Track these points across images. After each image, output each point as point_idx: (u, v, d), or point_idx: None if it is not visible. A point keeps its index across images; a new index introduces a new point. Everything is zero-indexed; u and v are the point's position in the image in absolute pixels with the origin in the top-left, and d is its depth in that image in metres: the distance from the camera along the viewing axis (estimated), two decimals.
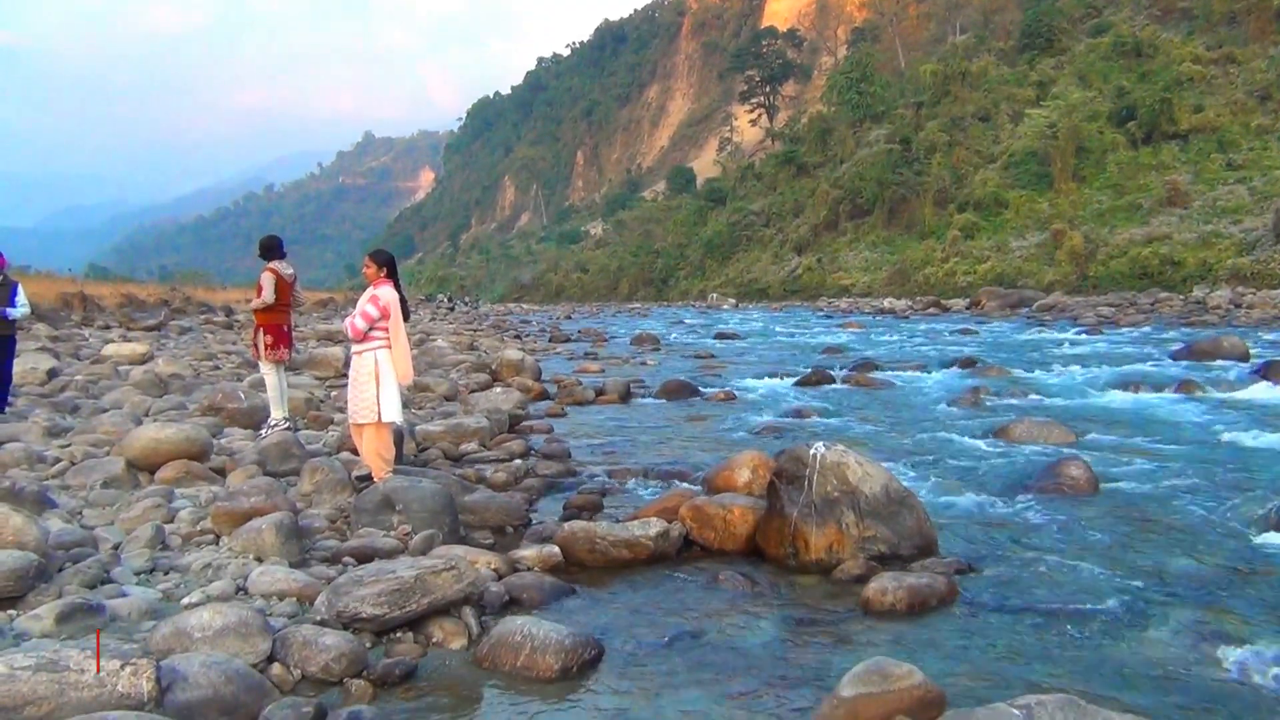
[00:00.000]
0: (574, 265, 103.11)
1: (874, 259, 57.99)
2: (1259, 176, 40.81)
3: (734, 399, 12.65)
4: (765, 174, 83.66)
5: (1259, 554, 5.34)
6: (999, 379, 13.86)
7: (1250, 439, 8.68)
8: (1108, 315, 29.47)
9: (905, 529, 5.32)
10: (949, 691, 3.39)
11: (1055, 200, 48.69)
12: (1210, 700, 3.54)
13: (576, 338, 28.42)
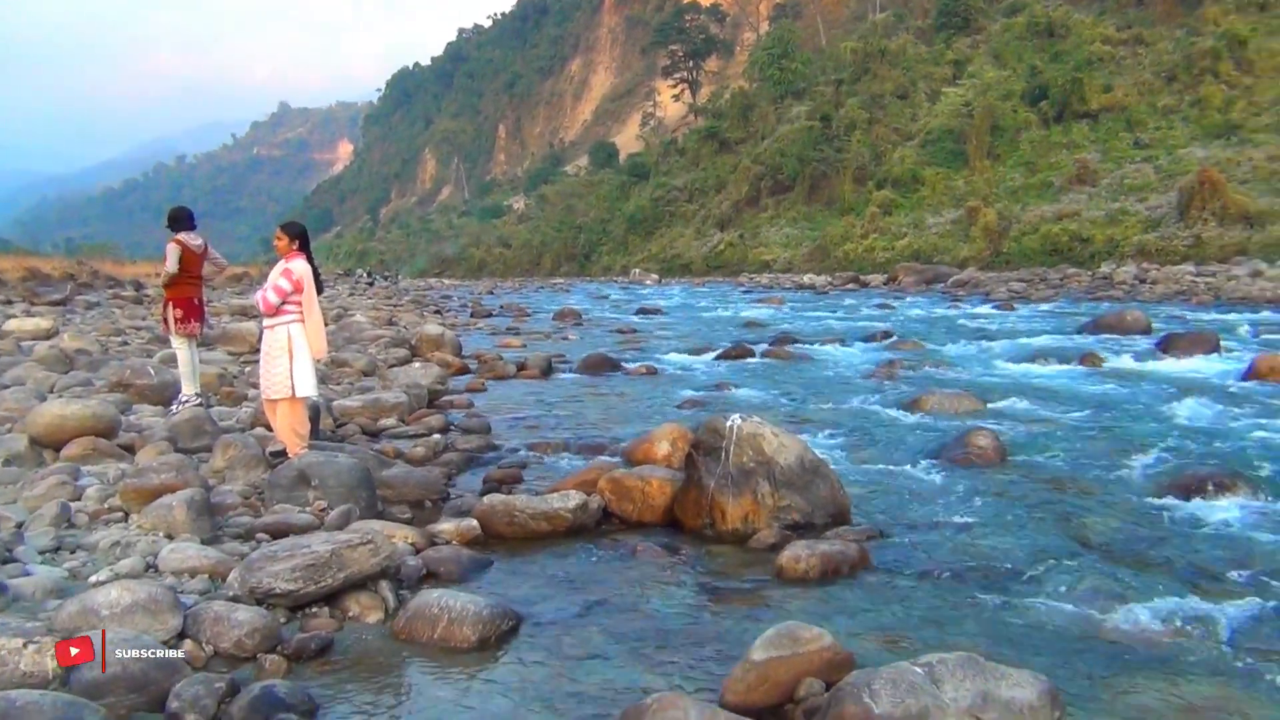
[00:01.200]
0: (496, 240, 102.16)
1: (795, 235, 58.50)
2: (1164, 155, 42.05)
3: (655, 373, 12.73)
4: (688, 149, 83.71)
5: (1155, 517, 5.57)
6: (913, 352, 14.16)
7: (1149, 409, 9.01)
8: (1019, 290, 30.23)
9: (819, 498, 5.43)
10: (858, 653, 3.49)
11: (970, 178, 49.63)
12: (1103, 654, 3.70)
13: (498, 313, 28.25)
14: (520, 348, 16.28)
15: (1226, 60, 44.23)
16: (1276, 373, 10.28)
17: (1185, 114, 44.58)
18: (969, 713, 2.67)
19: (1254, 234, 33.04)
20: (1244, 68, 44.01)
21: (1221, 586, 4.39)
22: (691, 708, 2.75)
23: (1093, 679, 3.48)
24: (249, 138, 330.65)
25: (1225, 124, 41.57)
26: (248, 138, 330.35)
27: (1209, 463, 6.54)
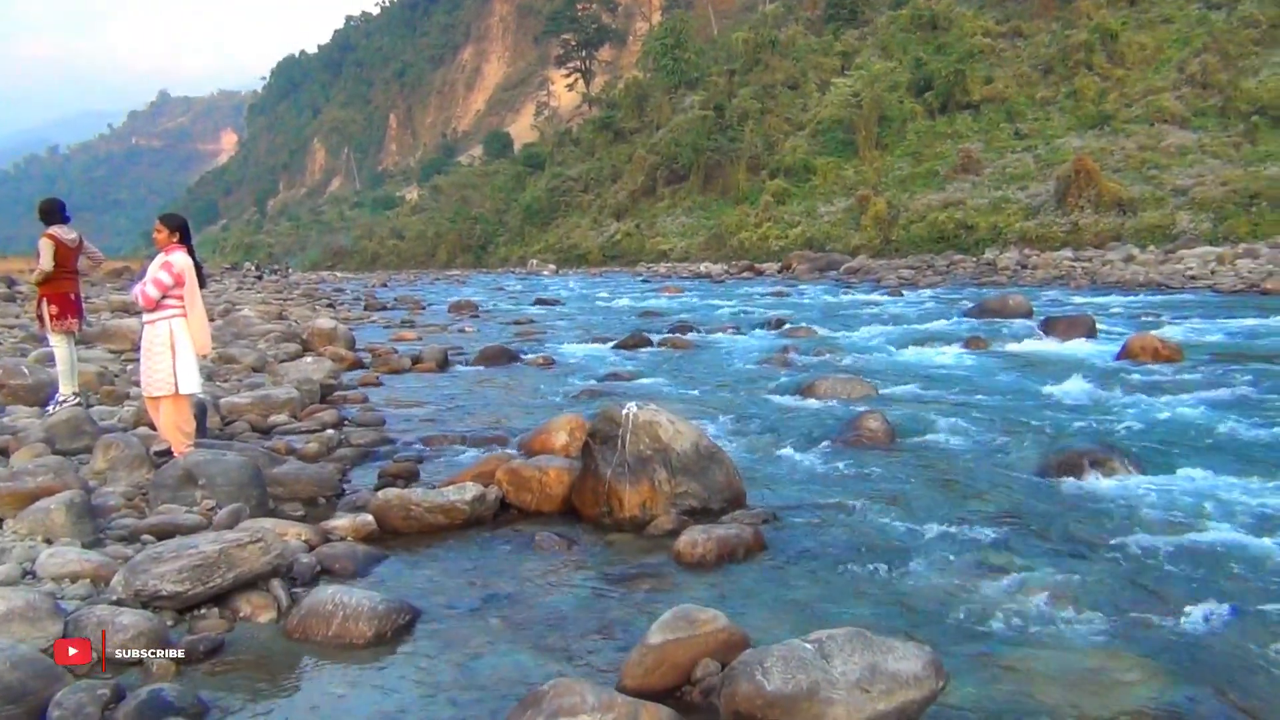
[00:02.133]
0: (390, 232, 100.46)
1: (691, 224, 58.96)
2: (1042, 145, 43.63)
3: (553, 364, 12.71)
4: (583, 139, 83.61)
5: (1035, 493, 5.81)
6: (807, 339, 14.44)
7: (1031, 389, 9.37)
8: (908, 277, 31.04)
9: (715, 484, 5.50)
10: (753, 633, 3.56)
11: (860, 167, 50.70)
12: (986, 624, 3.85)
13: (393, 305, 27.81)
14: (416, 341, 16.07)
15: (1099, 53, 46.06)
16: (1147, 352, 10.79)
17: (1062, 105, 46.29)
18: (857, 685, 2.75)
19: (1127, 220, 34.52)
20: (1115, 60, 45.88)
21: (1096, 557, 4.60)
22: (589, 692, 2.77)
23: (975, 648, 3.62)
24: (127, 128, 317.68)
25: (1099, 115, 43.29)
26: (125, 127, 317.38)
27: (1086, 440, 6.83)
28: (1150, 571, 4.39)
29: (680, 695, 3.27)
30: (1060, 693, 3.27)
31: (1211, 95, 40.49)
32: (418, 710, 3.29)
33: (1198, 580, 4.25)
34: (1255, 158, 35.32)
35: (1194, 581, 4.24)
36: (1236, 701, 3.22)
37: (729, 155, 59.18)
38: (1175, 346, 11.06)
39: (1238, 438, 6.93)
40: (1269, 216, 31.39)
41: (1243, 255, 26.35)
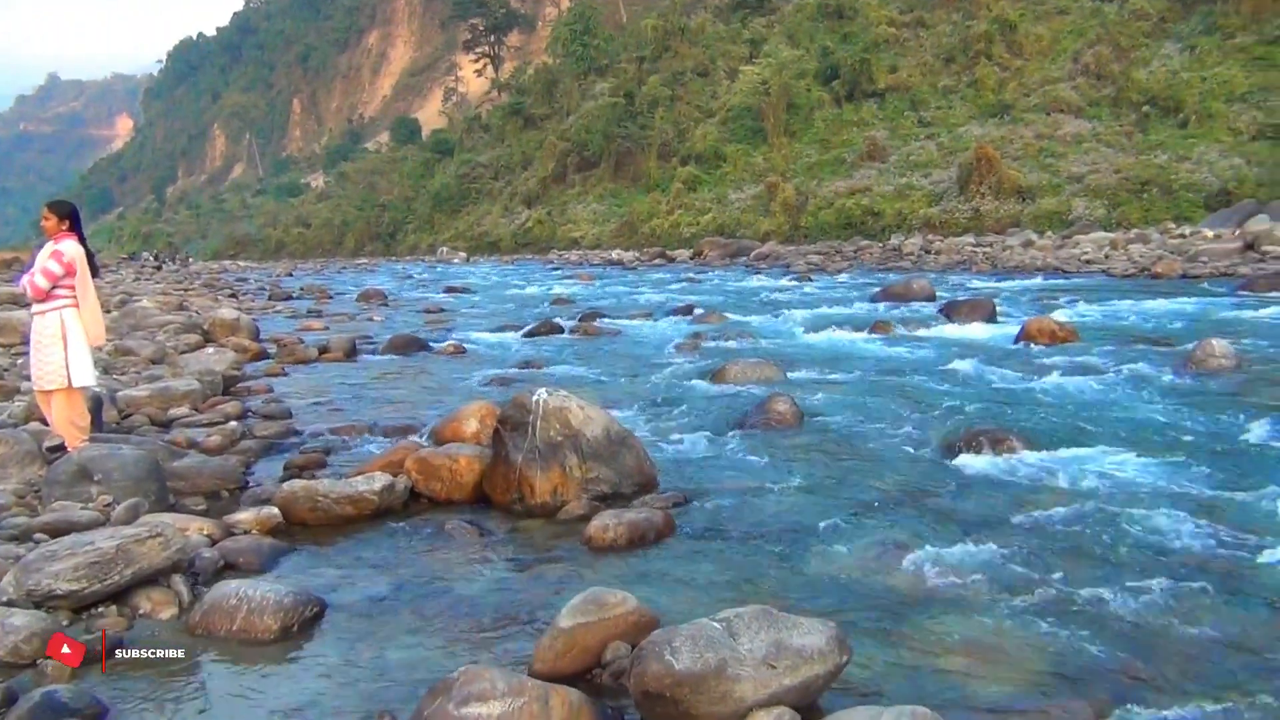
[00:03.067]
0: (295, 219, 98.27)
1: (602, 211, 58.91)
2: (945, 133, 44.60)
3: (464, 352, 12.60)
4: (492, 125, 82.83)
5: (938, 471, 5.96)
6: (718, 324, 14.57)
7: (933, 371, 9.59)
8: (817, 263, 31.50)
9: (626, 468, 5.53)
10: (664, 614, 3.60)
11: (769, 154, 51.18)
12: (889, 599, 3.96)
13: (299, 295, 27.24)
14: (323, 330, 15.78)
15: (999, 43, 47.20)
16: (1044, 335, 11.13)
17: (963, 94, 47.35)
18: (764, 662, 2.80)
19: (1026, 207, 35.51)
20: (1014, 51, 47.07)
21: (994, 532, 4.74)
22: (499, 678, 2.77)
23: (878, 623, 3.72)
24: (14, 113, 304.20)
25: (998, 104, 44.41)
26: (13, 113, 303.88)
27: (985, 420, 7.03)
28: (1045, 544, 4.55)
29: (591, 678, 3.29)
30: (960, 662, 3.38)
31: (1105, 86, 41.83)
32: (326, 702, 3.26)
33: (1090, 552, 4.41)
34: (1146, 146, 36.61)
35: (1086, 553, 4.40)
36: (1127, 666, 3.36)
37: (640, 142, 59.26)
38: (1070, 328, 11.43)
39: (1128, 415, 7.20)
40: (1159, 203, 32.62)
41: (1134, 240, 27.33)
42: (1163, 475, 5.61)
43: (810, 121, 51.33)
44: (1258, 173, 32.25)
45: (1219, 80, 37.72)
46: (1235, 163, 33.08)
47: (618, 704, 3.11)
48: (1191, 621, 3.69)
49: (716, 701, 2.73)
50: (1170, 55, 41.26)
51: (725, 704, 2.74)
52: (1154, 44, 42.80)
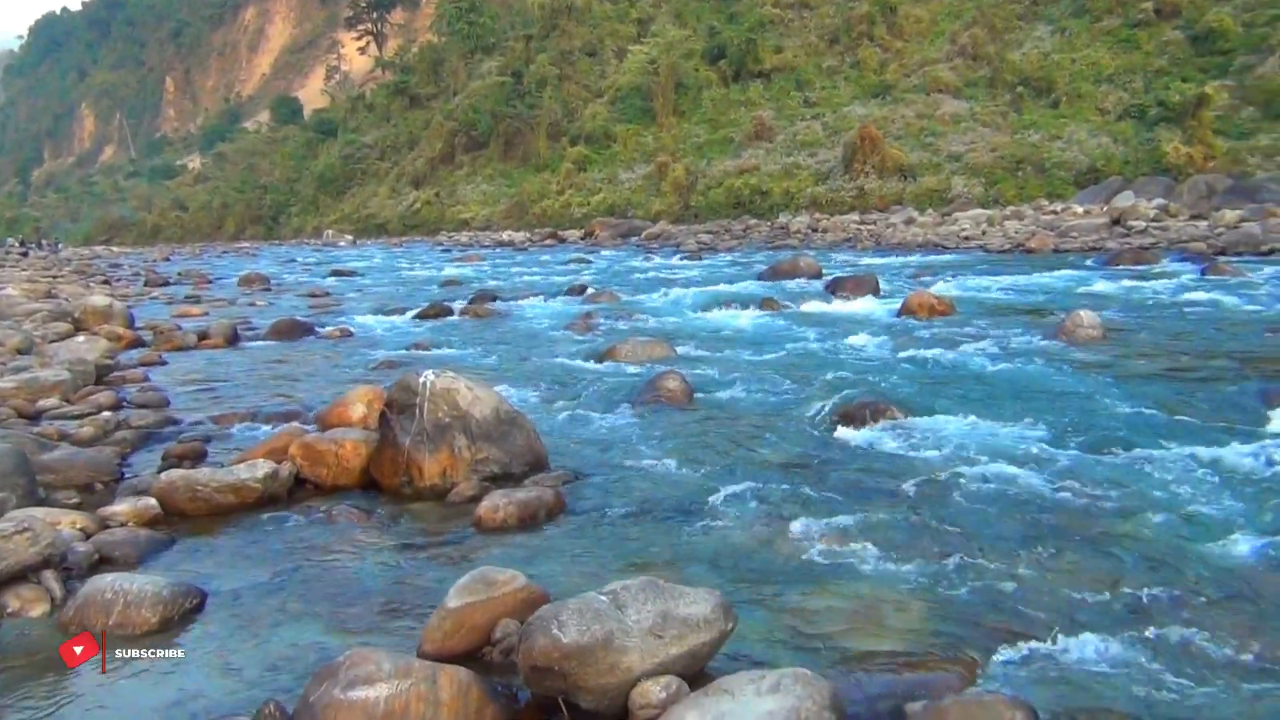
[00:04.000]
0: (171, 203, 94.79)
1: (492, 192, 58.38)
2: (830, 113, 45.45)
3: (351, 336, 12.37)
4: (377, 105, 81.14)
5: (822, 444, 6.10)
6: (609, 304, 14.61)
7: (819, 346, 9.81)
8: (707, 242, 31.83)
9: (516, 448, 5.52)
10: (555, 591, 3.61)
11: (658, 134, 51.42)
12: (775, 568, 4.05)
13: (176, 280, 26.30)
14: (202, 316, 15.29)
15: (880, 25, 48.24)
16: (924, 308, 11.48)
17: (846, 74, 48.29)
18: (650, 632, 2.84)
19: (908, 185, 36.47)
20: (894, 32, 48.18)
21: (875, 499, 4.88)
22: (385, 660, 2.76)
23: (764, 590, 3.81)
24: None
25: (880, 84, 45.42)
26: None
27: (867, 392, 7.22)
28: (923, 509, 4.70)
29: (481, 657, 3.29)
30: (842, 624, 3.49)
31: (981, 67, 43.14)
32: (210, 694, 3.19)
33: (965, 515, 4.59)
34: (1020, 126, 37.93)
35: (962, 516, 4.57)
36: (999, 621, 3.51)
37: (529, 122, 58.82)
38: (949, 302, 11.81)
39: (1002, 384, 7.49)
40: (1033, 181, 33.85)
41: (1010, 217, 28.34)
42: (1034, 440, 5.85)
43: (699, 101, 51.70)
44: (1123, 151, 33.73)
45: (1087, 62, 39.28)
46: (1103, 141, 34.55)
47: (508, 681, 3.12)
48: (1059, 577, 3.87)
49: (604, 673, 2.77)
50: (1042, 37, 42.77)
51: (613, 675, 2.78)
52: (1027, 26, 44.31)
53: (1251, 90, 34.03)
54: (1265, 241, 19.50)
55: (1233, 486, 4.84)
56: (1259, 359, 8.20)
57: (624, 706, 2.80)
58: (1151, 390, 7.03)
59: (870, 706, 2.84)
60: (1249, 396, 6.72)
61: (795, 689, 2.59)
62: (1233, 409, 6.51)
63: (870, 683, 3.03)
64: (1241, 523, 4.34)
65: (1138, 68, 38.23)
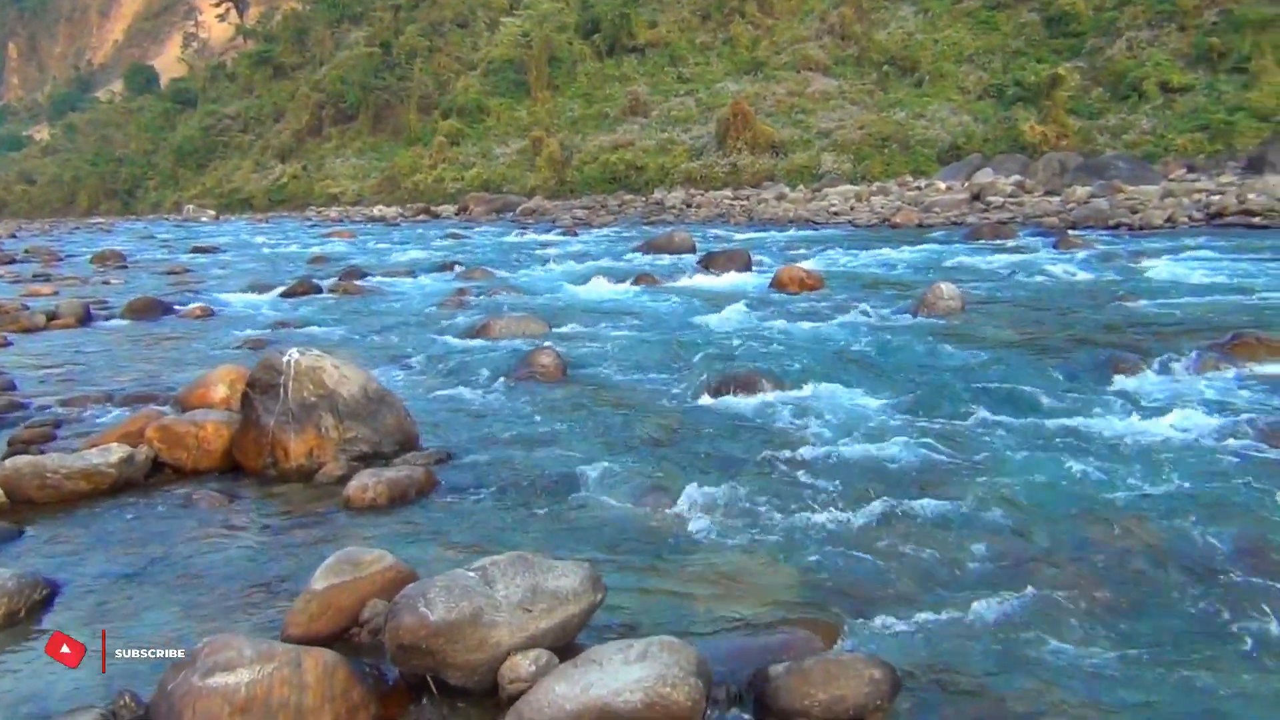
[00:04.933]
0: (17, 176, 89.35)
1: (362, 166, 56.97)
2: (704, 89, 45.79)
3: (212, 314, 11.94)
4: (239, 75, 78.14)
5: (694, 416, 6.18)
6: (483, 280, 14.47)
7: (692, 321, 9.93)
8: (582, 217, 31.77)
9: (386, 427, 5.43)
10: (423, 569, 3.57)
11: (533, 108, 50.96)
12: (646, 539, 4.11)
13: (22, 258, 24.88)
14: (52, 295, 14.52)
15: (751, 2, 48.73)
16: (794, 282, 11.72)
17: (719, 51, 48.71)
18: (519, 606, 2.85)
19: (779, 161, 37.08)
20: (765, 10, 48.78)
21: (746, 470, 4.98)
22: (247, 646, 2.69)
23: (635, 561, 3.85)
24: None
25: (752, 61, 45.96)
26: None
27: (738, 365, 7.34)
28: (791, 478, 4.82)
29: (349, 638, 3.24)
30: (710, 592, 3.55)
31: (849, 45, 44.07)
32: (60, 689, 3.06)
33: (830, 482, 4.72)
34: (887, 104, 38.93)
35: (827, 484, 4.70)
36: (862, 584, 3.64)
37: (399, 95, 57.57)
38: (818, 276, 12.08)
39: (868, 355, 7.71)
40: (899, 158, 34.82)
41: (877, 193, 29.10)
42: (897, 410, 6.06)
43: (573, 75, 51.43)
44: (982, 129, 34.98)
45: (949, 42, 40.54)
46: (964, 120, 35.75)
47: (377, 662, 3.08)
48: (919, 542, 4.02)
49: (474, 649, 2.76)
50: (906, 18, 43.92)
51: (482, 650, 2.77)
52: (892, 6, 45.41)
53: (1101, 71, 35.67)
54: (1112, 216, 20.53)
55: (1080, 451, 5.10)
56: (1105, 327, 8.64)
57: (494, 681, 2.80)
58: (1007, 359, 7.35)
59: (735, 670, 2.91)
60: (1096, 364, 7.08)
61: (662, 656, 2.64)
62: (1081, 376, 6.85)
63: (736, 647, 3.10)
64: (1089, 485, 4.59)
65: (996, 48, 39.65)
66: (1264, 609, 3.38)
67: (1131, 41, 35.90)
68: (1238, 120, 30.17)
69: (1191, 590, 3.56)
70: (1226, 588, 3.57)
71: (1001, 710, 2.83)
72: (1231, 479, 4.58)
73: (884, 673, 2.81)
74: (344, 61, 62.09)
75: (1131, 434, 5.34)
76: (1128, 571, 3.74)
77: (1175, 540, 3.96)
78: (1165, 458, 4.90)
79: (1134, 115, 33.16)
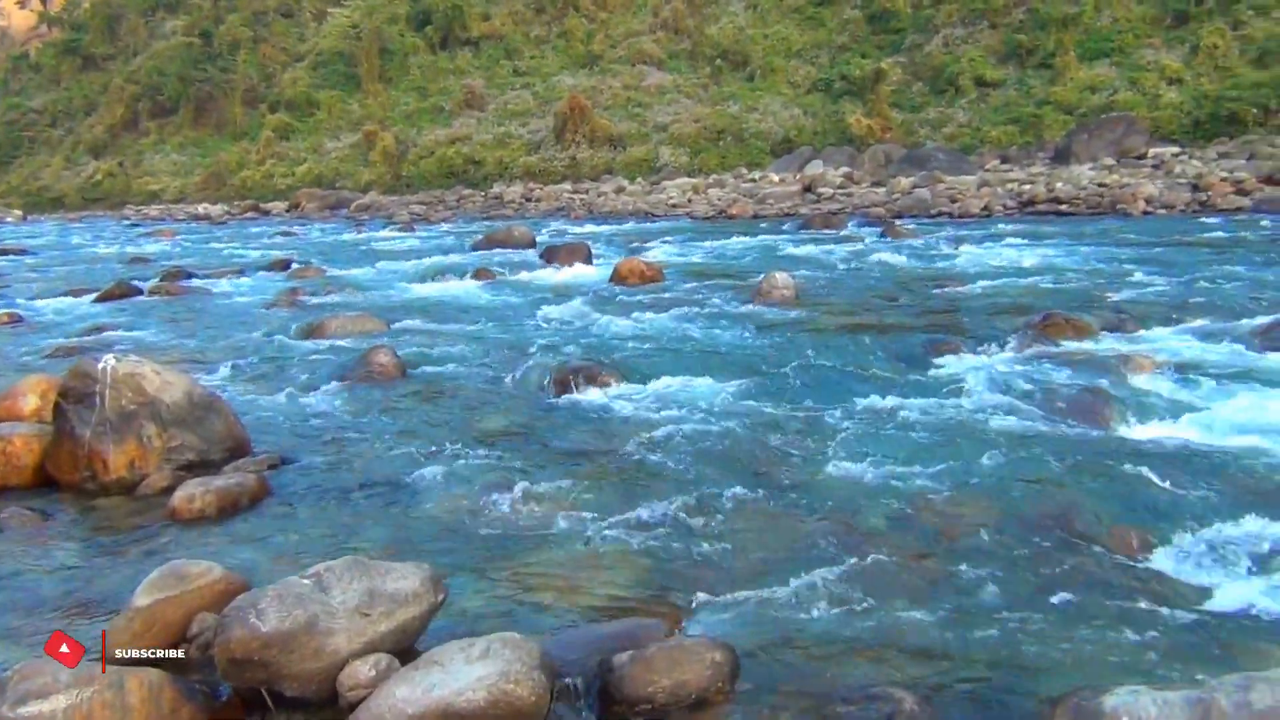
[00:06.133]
0: None
1: (185, 162, 54.39)
2: (540, 83, 45.64)
3: (20, 321, 11.18)
4: (44, 66, 73.35)
5: (537, 411, 6.18)
6: (316, 278, 14.04)
7: (533, 315, 9.90)
8: (420, 213, 31.24)
9: (214, 433, 5.21)
10: (256, 580, 3.44)
11: (365, 102, 49.73)
12: (488, 537, 4.08)
13: None
14: None
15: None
16: (634, 275, 11.82)
17: (554, 44, 48.62)
18: (357, 611, 2.79)
19: (618, 154, 37.32)
20: (599, 3, 48.91)
21: (589, 462, 5.01)
22: (62, 670, 2.54)
23: (478, 559, 3.82)
24: None
25: (588, 55, 46.07)
26: None
27: (579, 358, 7.37)
28: (634, 469, 4.88)
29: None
30: (554, 585, 3.56)
31: (682, 40, 44.72)
32: None
33: (673, 473, 4.79)
34: (720, 98, 39.69)
35: (670, 475, 4.77)
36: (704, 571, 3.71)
37: (222, 87, 55.22)
38: (657, 268, 12.23)
39: (705, 345, 7.86)
40: (733, 150, 35.57)
41: (713, 185, 29.66)
42: (735, 396, 6.20)
43: (406, 68, 50.45)
44: (812, 122, 36.09)
45: (779, 38, 41.61)
46: (794, 113, 36.79)
47: (208, 679, 2.96)
48: (758, 525, 4.14)
49: (309, 658, 2.69)
50: (736, 13, 44.82)
51: (319, 659, 2.70)
52: (722, 1, 46.25)
53: (921, 67, 37.30)
54: (934, 205, 21.53)
55: (907, 429, 5.33)
56: (929, 311, 9.07)
57: (333, 690, 2.73)
58: (838, 344, 7.62)
59: (580, 661, 2.92)
60: (920, 346, 7.42)
61: (504, 653, 2.62)
62: (907, 358, 7.18)
63: (580, 639, 3.11)
64: (915, 462, 4.80)
65: (823, 44, 40.95)
66: (1074, 573, 3.62)
67: (948, 38, 37.66)
68: (1045, 113, 32.06)
69: (1008, 557, 3.78)
70: (1040, 554, 3.80)
71: (837, 681, 2.93)
72: (1043, 451, 4.87)
73: (725, 655, 2.87)
74: (161, 52, 59.07)
75: (953, 412, 5.62)
76: (951, 542, 3.94)
77: (994, 511, 4.20)
78: (983, 433, 5.18)
79: (951, 109, 34.82)
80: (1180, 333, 7.74)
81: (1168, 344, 7.31)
